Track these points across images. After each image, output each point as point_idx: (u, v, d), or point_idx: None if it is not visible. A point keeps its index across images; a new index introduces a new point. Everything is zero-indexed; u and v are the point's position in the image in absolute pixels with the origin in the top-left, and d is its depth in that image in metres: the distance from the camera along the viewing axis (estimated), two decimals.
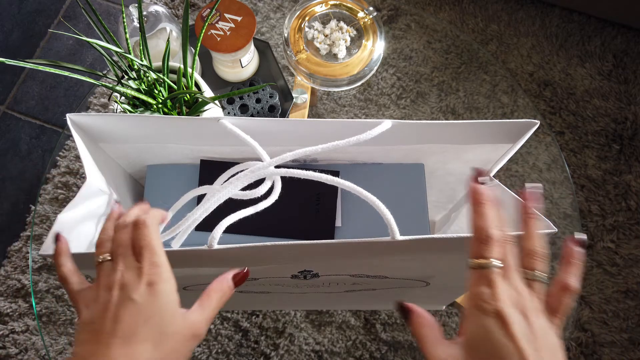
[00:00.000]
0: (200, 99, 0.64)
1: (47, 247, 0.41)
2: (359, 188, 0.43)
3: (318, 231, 0.57)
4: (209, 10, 0.73)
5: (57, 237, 0.39)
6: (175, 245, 0.45)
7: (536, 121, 0.50)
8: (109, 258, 0.36)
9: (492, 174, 0.53)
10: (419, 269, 0.51)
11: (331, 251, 0.43)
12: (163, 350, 0.33)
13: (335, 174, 0.58)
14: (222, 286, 0.37)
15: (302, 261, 0.46)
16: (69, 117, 0.48)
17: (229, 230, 0.56)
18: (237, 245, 0.40)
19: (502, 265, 0.34)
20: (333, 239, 0.57)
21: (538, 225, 0.36)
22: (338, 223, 0.57)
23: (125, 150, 0.56)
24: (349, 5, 0.84)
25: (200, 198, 0.58)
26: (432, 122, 0.49)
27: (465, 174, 0.61)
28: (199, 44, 0.63)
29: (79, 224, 0.48)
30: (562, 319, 0.34)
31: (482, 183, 0.36)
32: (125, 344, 0.32)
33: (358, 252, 0.43)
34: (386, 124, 0.47)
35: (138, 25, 0.60)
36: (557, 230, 0.40)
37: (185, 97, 0.64)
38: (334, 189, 0.57)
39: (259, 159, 0.58)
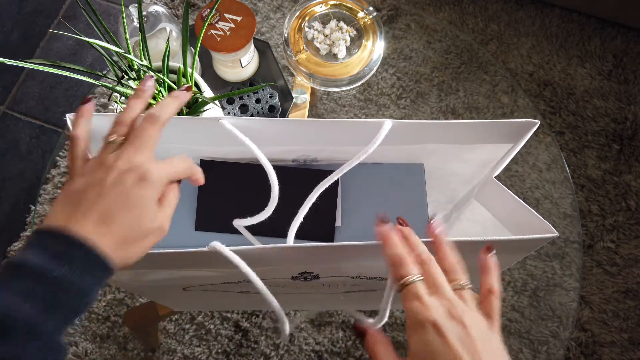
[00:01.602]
0: (200, 99, 0.64)
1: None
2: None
3: (318, 231, 0.57)
4: (209, 10, 0.73)
5: (85, 100, 0.41)
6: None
7: (536, 121, 0.50)
8: (120, 141, 0.38)
9: (495, 175, 0.53)
10: None
11: (332, 254, 0.43)
12: (132, 238, 0.35)
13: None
14: (176, 193, 0.40)
15: (302, 263, 0.46)
16: (69, 117, 0.48)
17: (228, 230, 0.56)
18: (240, 247, 0.40)
19: (421, 278, 0.36)
20: (333, 239, 0.57)
21: (448, 248, 0.39)
22: (338, 223, 0.57)
23: None
24: (349, 5, 0.84)
25: (200, 196, 0.58)
26: (432, 122, 0.49)
27: (466, 174, 0.61)
28: (199, 44, 0.63)
29: None
30: (498, 320, 0.37)
31: (386, 222, 0.39)
32: (101, 221, 0.34)
33: (358, 254, 0.43)
34: (387, 124, 0.47)
35: (138, 25, 0.60)
36: (557, 234, 0.43)
37: None
38: (333, 189, 0.57)
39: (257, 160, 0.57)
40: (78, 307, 0.32)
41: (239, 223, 0.51)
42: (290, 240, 0.51)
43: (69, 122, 0.48)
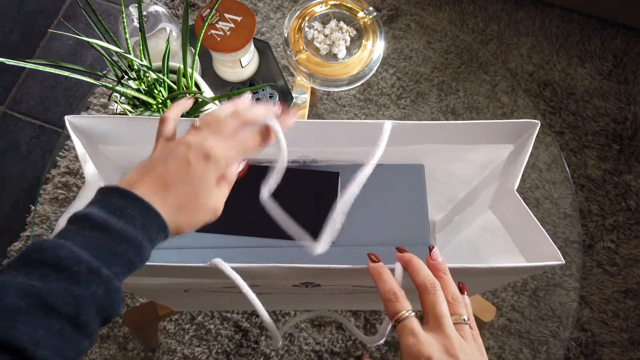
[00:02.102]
0: (200, 99, 0.64)
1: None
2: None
3: (318, 233, 0.57)
4: (209, 10, 0.73)
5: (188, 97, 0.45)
6: None
7: (536, 121, 0.49)
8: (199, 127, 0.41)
9: (515, 187, 0.52)
10: None
11: (331, 274, 0.43)
12: (185, 209, 0.38)
13: (336, 175, 0.57)
14: (231, 180, 0.42)
15: (303, 277, 0.46)
16: (67, 119, 0.48)
17: (227, 231, 0.56)
18: (241, 265, 0.41)
19: (414, 313, 0.37)
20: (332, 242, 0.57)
21: (450, 277, 0.40)
22: (339, 225, 0.57)
23: (124, 151, 0.56)
24: (349, 5, 0.84)
25: None
26: (431, 123, 0.49)
27: (466, 175, 0.61)
28: (199, 44, 0.63)
29: None
30: (485, 353, 0.38)
31: (377, 261, 0.40)
32: (161, 187, 0.37)
33: (358, 274, 0.43)
34: (387, 125, 0.47)
35: (138, 25, 0.60)
36: (564, 261, 0.43)
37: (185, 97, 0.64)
38: (333, 190, 0.57)
39: (259, 160, 0.57)
40: (135, 260, 0.34)
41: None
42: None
43: (67, 124, 0.48)
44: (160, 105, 0.61)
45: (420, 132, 0.51)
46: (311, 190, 0.57)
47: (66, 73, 0.54)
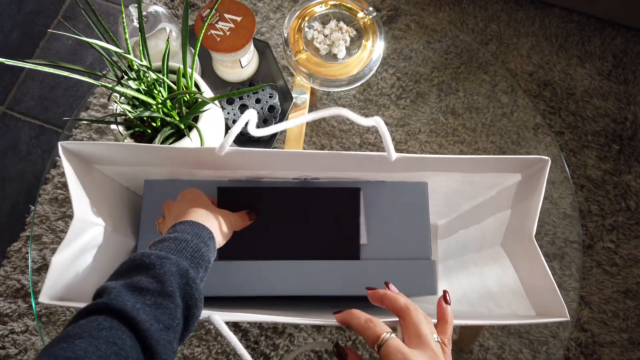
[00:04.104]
0: (199, 99, 0.64)
1: (47, 294, 0.44)
2: None
3: (342, 250, 0.56)
4: (208, 10, 0.73)
5: None
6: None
7: (546, 158, 0.48)
8: None
9: (533, 233, 0.50)
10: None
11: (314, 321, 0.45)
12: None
13: (357, 190, 0.57)
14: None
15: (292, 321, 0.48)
16: (61, 145, 0.47)
17: (249, 257, 0.56)
18: (233, 317, 0.43)
19: (394, 335, 0.39)
20: (359, 257, 0.56)
21: (450, 326, 0.43)
22: (363, 240, 0.57)
23: (121, 170, 0.56)
24: (348, 5, 0.84)
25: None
26: (436, 157, 0.48)
27: (471, 192, 0.60)
28: (199, 44, 0.63)
29: (75, 260, 0.48)
30: None
31: (340, 311, 0.43)
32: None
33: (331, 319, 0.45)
34: (392, 157, 0.47)
35: (138, 25, 0.60)
36: (569, 318, 0.44)
37: (185, 98, 0.64)
38: (355, 207, 0.57)
39: (257, 179, 0.57)
40: (194, 252, 0.44)
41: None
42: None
43: (60, 151, 0.47)
44: (160, 106, 0.61)
45: (424, 162, 0.50)
46: (331, 209, 0.56)
47: (66, 73, 0.54)
